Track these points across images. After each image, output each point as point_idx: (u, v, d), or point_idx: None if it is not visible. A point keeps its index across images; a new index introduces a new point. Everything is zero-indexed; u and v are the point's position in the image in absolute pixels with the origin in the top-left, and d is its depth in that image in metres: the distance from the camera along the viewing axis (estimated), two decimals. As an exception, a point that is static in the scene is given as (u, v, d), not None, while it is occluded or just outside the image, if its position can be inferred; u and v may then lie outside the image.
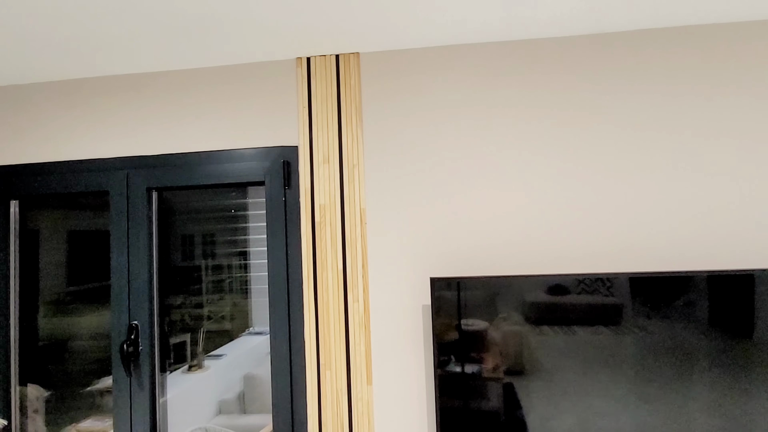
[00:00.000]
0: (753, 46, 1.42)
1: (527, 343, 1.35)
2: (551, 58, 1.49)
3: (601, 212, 1.44)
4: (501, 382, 1.35)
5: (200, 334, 1.77)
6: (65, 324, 1.80)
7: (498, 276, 1.36)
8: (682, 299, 1.29)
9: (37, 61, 1.54)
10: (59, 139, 1.70)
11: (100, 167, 1.67)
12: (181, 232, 1.76)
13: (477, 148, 1.50)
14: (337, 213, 1.53)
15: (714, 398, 1.27)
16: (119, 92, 1.68)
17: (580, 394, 1.31)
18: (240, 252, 1.74)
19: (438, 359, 1.37)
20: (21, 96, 1.73)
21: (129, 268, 1.64)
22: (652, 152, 1.44)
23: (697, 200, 1.41)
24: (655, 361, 1.29)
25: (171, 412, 1.70)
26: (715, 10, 1.36)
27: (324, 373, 1.50)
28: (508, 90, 1.50)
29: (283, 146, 1.58)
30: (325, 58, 1.57)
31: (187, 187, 1.67)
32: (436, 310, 1.37)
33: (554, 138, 1.47)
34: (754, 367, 1.26)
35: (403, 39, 1.48)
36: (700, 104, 1.43)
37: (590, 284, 1.33)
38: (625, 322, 1.31)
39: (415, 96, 1.54)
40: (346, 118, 1.55)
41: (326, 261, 1.52)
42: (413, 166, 1.52)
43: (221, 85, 1.63)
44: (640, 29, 1.46)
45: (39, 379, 1.78)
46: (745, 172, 1.40)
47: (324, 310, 1.51)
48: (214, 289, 1.76)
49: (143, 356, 1.62)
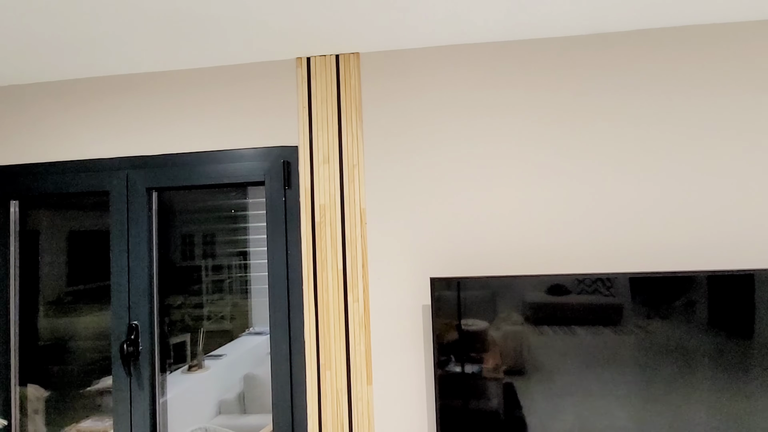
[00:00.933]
0: (753, 46, 1.42)
1: (527, 343, 1.35)
2: (551, 58, 1.49)
3: (602, 212, 1.44)
4: (501, 382, 1.35)
5: (200, 334, 1.77)
6: (65, 324, 1.80)
7: (498, 276, 1.36)
8: (682, 299, 1.29)
9: (37, 61, 1.54)
10: (59, 139, 1.70)
11: (100, 167, 1.67)
12: (181, 232, 1.76)
13: (477, 147, 1.50)
14: (337, 213, 1.53)
15: (714, 398, 1.27)
16: (119, 92, 1.68)
17: (580, 394, 1.31)
18: (240, 252, 1.74)
19: (438, 359, 1.37)
20: (21, 96, 1.73)
21: (129, 268, 1.64)
22: (652, 152, 1.44)
23: (698, 200, 1.41)
24: (655, 361, 1.29)
25: (171, 412, 1.70)
26: (715, 10, 1.36)
27: (324, 373, 1.50)
28: (508, 90, 1.50)
29: (283, 146, 1.58)
30: (325, 58, 1.57)
31: (187, 187, 1.67)
32: (436, 310, 1.37)
33: (554, 138, 1.47)
34: (754, 367, 1.26)
35: (403, 39, 1.48)
36: (700, 104, 1.43)
37: (590, 284, 1.33)
38: (625, 322, 1.31)
39: (415, 96, 1.54)
40: (346, 118, 1.55)
41: (326, 261, 1.52)
42: (413, 166, 1.52)
43: (221, 85, 1.63)
44: (640, 29, 1.46)
45: (39, 379, 1.78)
46: (745, 172, 1.40)
47: (324, 310, 1.51)
48: (214, 289, 1.76)
49: (143, 356, 1.62)
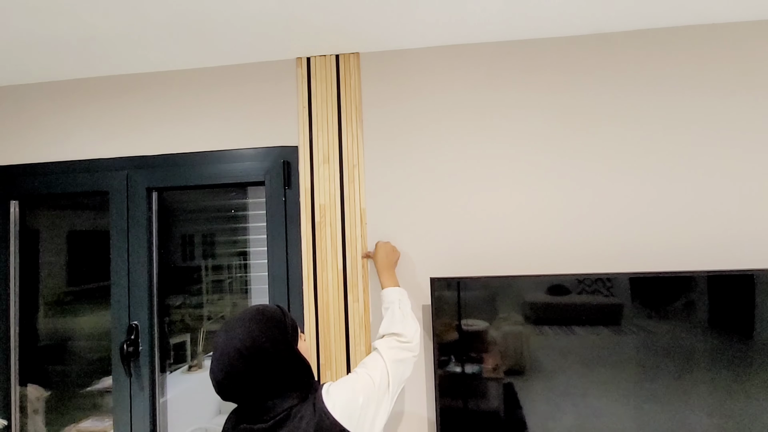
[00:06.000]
0: (753, 46, 1.42)
1: (527, 343, 1.35)
2: (551, 58, 1.49)
3: (602, 212, 1.44)
4: (501, 382, 1.35)
5: (200, 334, 1.77)
6: (65, 324, 1.80)
7: (498, 276, 1.36)
8: (682, 299, 1.29)
9: (37, 61, 1.54)
10: (59, 139, 1.70)
11: (100, 167, 1.67)
12: (181, 232, 1.76)
13: (477, 148, 1.50)
14: (337, 213, 1.53)
15: (714, 398, 1.27)
16: (119, 92, 1.68)
17: (580, 394, 1.31)
18: (240, 252, 1.74)
19: (438, 359, 1.37)
20: (21, 96, 1.73)
21: (129, 268, 1.64)
22: (652, 152, 1.44)
23: (698, 200, 1.41)
24: (655, 361, 1.29)
25: (171, 412, 1.69)
26: (715, 10, 1.36)
27: (324, 373, 1.49)
28: (508, 90, 1.50)
29: (283, 146, 1.58)
30: (325, 58, 1.57)
31: (187, 187, 1.67)
32: (436, 310, 1.37)
33: (554, 138, 1.47)
34: (754, 367, 1.26)
35: (403, 39, 1.48)
36: (700, 104, 1.43)
37: (590, 284, 1.33)
38: (626, 322, 1.31)
39: (415, 96, 1.54)
40: (346, 118, 1.55)
41: (326, 261, 1.52)
42: (413, 166, 1.52)
43: (221, 85, 1.63)
44: (640, 29, 1.46)
45: (39, 379, 1.78)
46: (745, 173, 1.40)
47: (324, 310, 1.51)
48: (214, 289, 1.76)
49: (143, 356, 1.62)
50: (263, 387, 0.92)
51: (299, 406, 0.93)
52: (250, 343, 0.91)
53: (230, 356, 0.90)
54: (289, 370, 0.95)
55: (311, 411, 0.92)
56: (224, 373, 0.90)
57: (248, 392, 0.92)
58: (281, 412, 0.92)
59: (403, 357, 1.13)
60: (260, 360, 0.91)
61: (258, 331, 0.92)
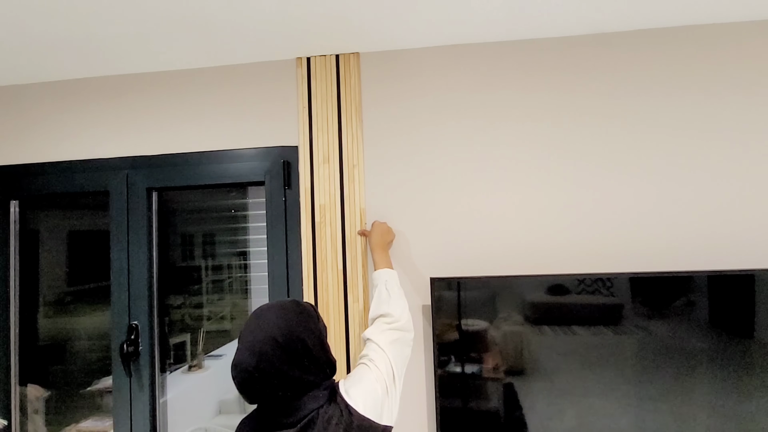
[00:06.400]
0: (753, 46, 1.42)
1: (527, 343, 1.35)
2: (551, 58, 1.49)
3: (602, 212, 1.44)
4: (501, 382, 1.35)
5: (200, 334, 1.77)
6: (65, 324, 1.80)
7: (498, 276, 1.36)
8: (682, 299, 1.29)
9: (37, 61, 1.54)
10: (59, 139, 1.70)
11: (100, 167, 1.67)
12: (181, 232, 1.76)
13: (477, 147, 1.50)
14: (337, 213, 1.53)
15: (714, 398, 1.27)
16: (119, 92, 1.68)
17: (580, 394, 1.31)
18: (240, 252, 1.74)
19: (438, 359, 1.37)
20: (21, 96, 1.73)
21: (129, 268, 1.64)
22: (652, 152, 1.44)
23: (698, 200, 1.41)
24: (655, 361, 1.29)
25: (171, 412, 1.69)
26: (715, 10, 1.36)
27: (324, 373, 1.49)
28: (508, 90, 1.50)
29: (283, 146, 1.58)
30: (325, 58, 1.57)
31: (187, 187, 1.67)
32: (436, 310, 1.37)
33: (554, 138, 1.47)
34: (754, 367, 1.26)
35: (403, 39, 1.48)
36: (700, 104, 1.43)
37: (590, 284, 1.33)
38: (626, 322, 1.31)
39: (415, 96, 1.54)
40: (346, 118, 1.55)
41: (326, 261, 1.52)
42: (413, 166, 1.52)
43: (221, 85, 1.63)
44: (640, 29, 1.46)
45: (39, 379, 1.78)
46: (745, 173, 1.40)
47: (324, 310, 1.51)
48: (214, 289, 1.76)
49: (143, 356, 1.62)
50: (296, 382, 0.84)
51: (325, 407, 0.88)
52: (288, 331, 0.84)
53: (264, 345, 0.82)
54: (321, 366, 0.89)
55: (339, 412, 0.87)
56: (256, 364, 0.82)
57: (280, 387, 0.83)
58: (308, 413, 0.85)
59: (395, 337, 1.11)
60: (297, 351, 0.84)
61: (296, 320, 0.87)
